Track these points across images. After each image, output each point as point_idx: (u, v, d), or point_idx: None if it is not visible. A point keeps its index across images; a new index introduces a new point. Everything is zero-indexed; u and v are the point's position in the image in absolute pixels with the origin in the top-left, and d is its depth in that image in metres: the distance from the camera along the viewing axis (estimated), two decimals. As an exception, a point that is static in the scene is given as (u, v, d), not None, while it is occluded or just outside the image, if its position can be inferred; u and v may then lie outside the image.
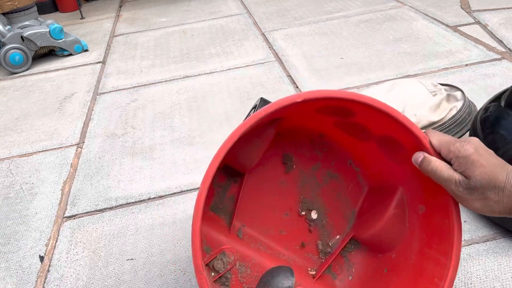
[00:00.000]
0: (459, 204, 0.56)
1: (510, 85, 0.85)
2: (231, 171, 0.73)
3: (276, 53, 1.75)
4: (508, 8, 1.88)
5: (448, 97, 0.98)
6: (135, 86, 1.65)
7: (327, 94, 0.56)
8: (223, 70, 1.67)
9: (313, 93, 0.55)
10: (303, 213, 0.76)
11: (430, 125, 0.93)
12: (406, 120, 0.57)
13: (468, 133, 0.95)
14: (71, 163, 1.22)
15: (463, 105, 0.93)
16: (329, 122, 0.68)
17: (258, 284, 0.64)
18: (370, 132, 0.65)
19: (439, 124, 0.94)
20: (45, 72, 1.89)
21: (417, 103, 0.95)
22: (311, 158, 0.75)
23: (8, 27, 1.92)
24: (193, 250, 0.52)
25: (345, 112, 0.62)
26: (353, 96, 0.56)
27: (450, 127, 0.93)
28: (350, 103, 0.57)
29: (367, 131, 0.65)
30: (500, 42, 1.60)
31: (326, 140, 0.74)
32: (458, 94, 0.97)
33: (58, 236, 0.97)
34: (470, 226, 0.85)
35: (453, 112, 0.93)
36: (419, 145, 0.57)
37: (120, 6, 2.81)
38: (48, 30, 1.91)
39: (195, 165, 1.15)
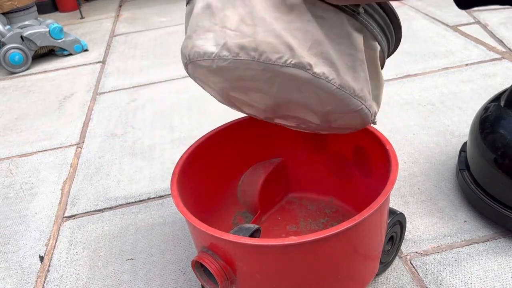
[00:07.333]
0: None
1: (510, 85, 0.85)
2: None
3: (276, 53, 1.75)
4: (508, 8, 1.88)
5: None
6: (135, 86, 1.65)
7: None
8: (223, 70, 1.67)
9: None
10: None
11: None
12: None
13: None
14: (71, 163, 1.22)
15: None
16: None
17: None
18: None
19: None
20: (45, 72, 1.89)
21: None
22: None
23: (8, 27, 1.92)
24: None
25: None
26: None
27: None
28: None
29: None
30: (500, 41, 1.60)
31: None
32: None
33: (58, 236, 0.97)
34: (470, 226, 0.85)
35: None
36: None
37: (120, 6, 2.81)
38: (48, 30, 1.91)
39: (195, 165, 1.15)
